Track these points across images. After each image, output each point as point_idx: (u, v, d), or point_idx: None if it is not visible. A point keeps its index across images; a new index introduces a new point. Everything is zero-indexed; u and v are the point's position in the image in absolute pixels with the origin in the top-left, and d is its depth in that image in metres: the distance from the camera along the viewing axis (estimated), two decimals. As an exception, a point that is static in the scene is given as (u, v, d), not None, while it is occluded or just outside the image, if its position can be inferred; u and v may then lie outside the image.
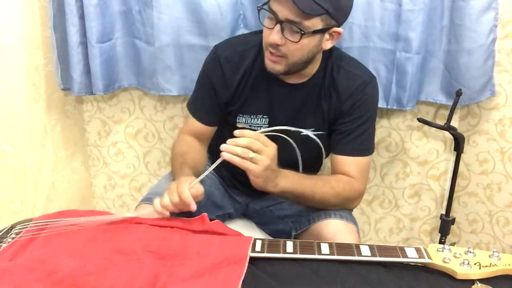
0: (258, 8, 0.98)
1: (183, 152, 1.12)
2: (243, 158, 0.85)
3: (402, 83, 1.30)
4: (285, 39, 0.94)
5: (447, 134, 1.41)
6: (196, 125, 1.14)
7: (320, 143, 1.01)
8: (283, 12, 0.92)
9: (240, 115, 1.11)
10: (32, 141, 1.37)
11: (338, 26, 0.98)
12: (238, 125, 1.12)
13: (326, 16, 0.93)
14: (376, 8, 1.25)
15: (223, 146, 0.85)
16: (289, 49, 0.96)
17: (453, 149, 1.37)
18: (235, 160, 0.85)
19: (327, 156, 1.12)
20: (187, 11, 1.32)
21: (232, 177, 1.24)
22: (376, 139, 1.48)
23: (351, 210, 1.11)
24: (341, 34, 1.01)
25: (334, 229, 1.01)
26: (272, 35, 0.94)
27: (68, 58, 1.38)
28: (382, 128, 1.49)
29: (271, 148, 0.88)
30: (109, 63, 1.41)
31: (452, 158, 1.42)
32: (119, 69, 1.45)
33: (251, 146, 0.85)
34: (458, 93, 1.25)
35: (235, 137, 0.86)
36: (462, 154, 1.34)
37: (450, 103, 1.29)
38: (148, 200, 1.10)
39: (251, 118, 1.11)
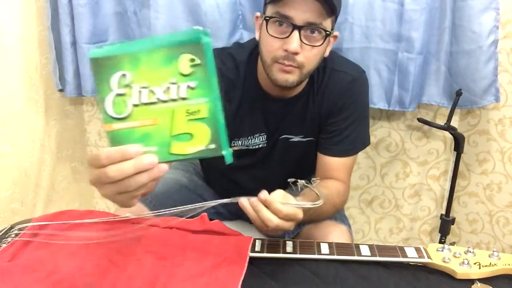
0: (267, 18, 0.88)
1: None
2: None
3: (405, 84, 1.28)
4: (304, 45, 0.87)
5: (447, 134, 1.41)
6: None
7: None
8: (302, 15, 0.84)
9: (236, 139, 1.06)
10: (32, 141, 1.37)
11: None
12: (234, 148, 1.06)
13: (334, 17, 0.90)
14: (378, 8, 1.24)
15: (253, 204, 0.71)
16: (306, 57, 0.89)
17: (453, 149, 1.37)
18: (254, 222, 0.74)
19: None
20: (185, 11, 1.29)
21: (224, 192, 1.20)
22: (376, 139, 1.50)
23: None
24: (337, 38, 0.98)
25: (324, 230, 1.01)
26: (291, 44, 0.85)
27: (62, 59, 1.38)
28: (382, 128, 1.49)
29: (292, 224, 0.76)
30: None
31: (452, 158, 1.42)
32: None
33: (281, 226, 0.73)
34: (458, 93, 1.25)
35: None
36: (462, 154, 1.34)
37: (451, 105, 1.29)
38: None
39: (248, 139, 1.06)
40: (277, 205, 0.71)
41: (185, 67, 0.54)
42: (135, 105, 0.56)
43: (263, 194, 0.71)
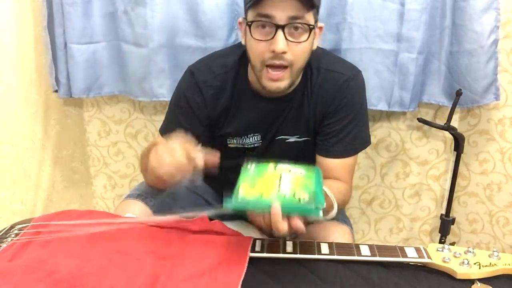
0: (249, 23, 0.88)
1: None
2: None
3: (405, 84, 1.28)
4: (290, 42, 0.87)
5: (447, 134, 1.41)
6: None
7: None
8: (283, 13, 0.85)
9: (230, 138, 1.07)
10: (32, 141, 1.37)
11: None
12: (230, 145, 1.08)
13: (315, 10, 0.90)
14: (377, 8, 1.23)
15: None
16: (295, 54, 0.89)
17: (453, 149, 1.37)
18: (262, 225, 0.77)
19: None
20: (183, 9, 1.26)
21: (223, 191, 1.21)
22: (376, 139, 1.50)
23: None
24: (322, 29, 0.98)
25: (326, 231, 1.01)
26: (277, 44, 0.85)
27: (56, 60, 1.36)
28: (382, 128, 1.48)
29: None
30: (87, 66, 1.36)
31: (452, 158, 1.42)
32: (100, 73, 1.40)
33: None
34: (458, 93, 1.25)
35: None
36: (462, 154, 1.34)
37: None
38: (133, 196, 1.08)
39: (243, 139, 1.07)
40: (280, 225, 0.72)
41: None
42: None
43: (275, 209, 0.71)
